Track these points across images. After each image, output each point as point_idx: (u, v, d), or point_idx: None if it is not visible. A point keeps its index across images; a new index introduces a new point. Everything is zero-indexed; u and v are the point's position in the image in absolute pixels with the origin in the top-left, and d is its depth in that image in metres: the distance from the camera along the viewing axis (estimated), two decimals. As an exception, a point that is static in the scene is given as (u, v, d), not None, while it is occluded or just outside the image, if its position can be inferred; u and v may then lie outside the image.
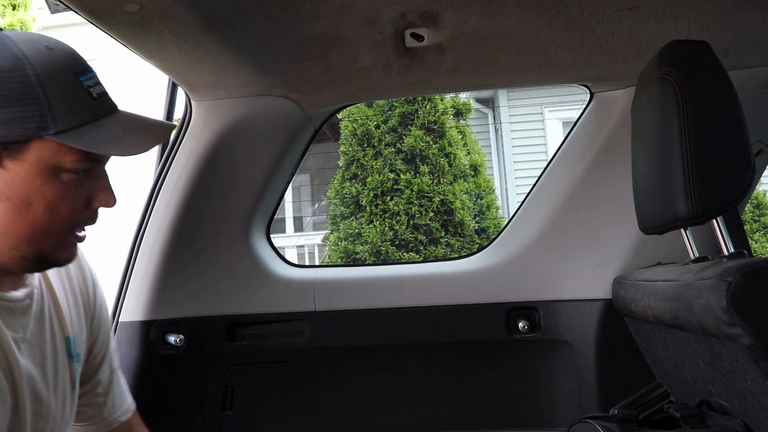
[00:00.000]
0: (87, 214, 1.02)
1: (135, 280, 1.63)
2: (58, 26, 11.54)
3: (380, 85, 1.59)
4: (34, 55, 0.92)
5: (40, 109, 0.91)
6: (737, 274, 0.95)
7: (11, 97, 0.90)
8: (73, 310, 1.19)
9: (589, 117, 1.75)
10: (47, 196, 0.95)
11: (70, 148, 0.93)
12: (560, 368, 1.73)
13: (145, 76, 10.68)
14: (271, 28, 1.31)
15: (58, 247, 1.00)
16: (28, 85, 0.91)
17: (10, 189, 0.93)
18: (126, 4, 1.12)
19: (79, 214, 1.00)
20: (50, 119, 0.91)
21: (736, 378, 1.04)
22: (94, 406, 1.28)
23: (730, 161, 1.10)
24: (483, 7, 1.28)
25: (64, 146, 0.93)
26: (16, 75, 0.90)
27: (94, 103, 0.97)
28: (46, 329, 1.10)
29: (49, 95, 0.91)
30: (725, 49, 1.47)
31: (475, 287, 1.75)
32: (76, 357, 1.18)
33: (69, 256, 1.04)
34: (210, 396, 1.70)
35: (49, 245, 0.99)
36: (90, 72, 0.99)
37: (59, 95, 0.92)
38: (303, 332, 1.75)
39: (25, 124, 0.90)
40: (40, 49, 0.94)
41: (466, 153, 7.39)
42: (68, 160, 0.94)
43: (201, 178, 1.60)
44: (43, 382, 1.09)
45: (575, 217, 1.72)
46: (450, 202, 6.79)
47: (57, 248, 1.00)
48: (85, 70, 0.98)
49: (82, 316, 1.21)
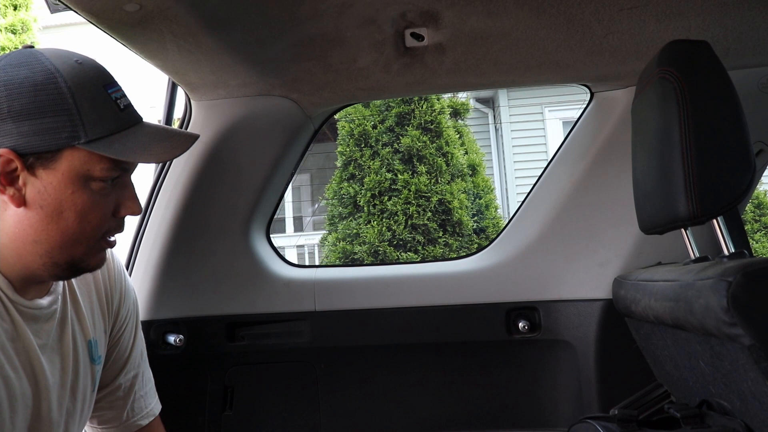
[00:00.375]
0: (115, 222, 1.06)
1: (135, 280, 1.63)
2: (58, 26, 11.54)
3: (380, 85, 1.59)
4: (65, 68, 0.97)
5: (72, 120, 0.95)
6: (738, 274, 0.95)
7: (45, 109, 0.94)
8: (97, 313, 1.21)
9: (590, 117, 1.75)
10: (78, 204, 0.99)
11: (100, 156, 0.98)
12: (560, 368, 1.73)
13: (145, 76, 10.68)
14: (271, 28, 1.31)
15: (88, 254, 1.04)
16: (60, 97, 0.95)
17: (43, 197, 0.97)
18: (126, 4, 1.12)
19: (108, 221, 1.04)
20: (81, 129, 0.96)
21: (737, 378, 1.04)
22: (114, 408, 1.29)
23: (731, 161, 1.10)
24: (483, 7, 1.28)
25: (94, 155, 0.98)
26: (49, 87, 0.95)
27: (122, 114, 1.02)
28: (68, 334, 1.12)
29: (80, 106, 0.96)
30: (726, 48, 1.47)
31: (476, 287, 1.75)
32: (97, 359, 1.20)
33: (99, 261, 1.07)
34: (210, 396, 1.70)
35: (80, 252, 1.02)
36: (116, 85, 1.04)
37: (89, 106, 0.97)
38: (303, 332, 1.74)
39: (57, 135, 0.95)
40: (71, 64, 0.99)
41: (463, 153, 7.39)
42: (98, 169, 0.99)
43: (201, 178, 1.60)
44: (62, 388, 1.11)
45: (575, 217, 1.72)
46: (448, 202, 6.79)
47: (87, 254, 1.04)
48: (112, 83, 1.03)
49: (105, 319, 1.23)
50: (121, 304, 1.27)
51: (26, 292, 1.05)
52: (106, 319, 1.23)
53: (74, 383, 1.13)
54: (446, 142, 7.01)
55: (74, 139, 0.96)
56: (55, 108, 0.95)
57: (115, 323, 1.26)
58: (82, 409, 1.17)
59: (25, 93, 0.95)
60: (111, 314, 1.24)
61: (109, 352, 1.26)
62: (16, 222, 0.99)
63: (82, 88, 0.97)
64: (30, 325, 1.05)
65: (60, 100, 0.95)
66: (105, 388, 1.27)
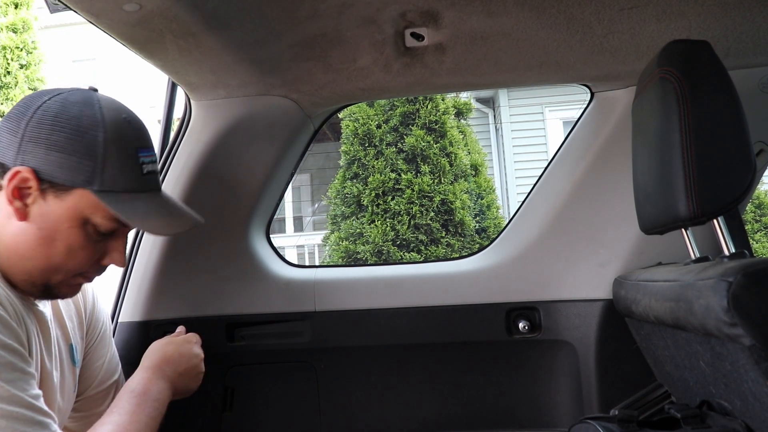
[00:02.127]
0: (97, 267, 1.14)
1: (134, 281, 1.63)
2: (58, 26, 11.55)
3: (380, 85, 1.59)
4: (111, 121, 1.07)
5: (94, 167, 1.05)
6: (738, 275, 0.95)
7: (75, 150, 1.04)
8: (75, 320, 1.30)
9: (590, 117, 1.75)
10: (70, 239, 1.07)
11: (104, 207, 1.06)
12: (561, 369, 1.73)
13: (145, 76, 10.71)
14: (271, 28, 1.30)
15: (63, 284, 1.12)
16: (94, 145, 1.05)
17: (44, 220, 1.06)
18: (126, 4, 1.12)
19: (92, 264, 1.12)
20: (99, 178, 1.05)
21: (737, 378, 1.04)
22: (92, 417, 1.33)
23: (731, 161, 1.10)
24: (483, 7, 1.28)
25: (101, 204, 1.05)
26: (88, 134, 1.05)
27: (142, 178, 1.10)
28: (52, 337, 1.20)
29: (107, 159, 1.05)
30: (726, 48, 1.47)
31: (476, 287, 1.75)
32: (77, 362, 1.28)
33: (70, 291, 1.16)
34: (210, 396, 1.70)
35: (56, 280, 1.10)
36: (149, 150, 1.13)
37: (115, 161, 1.06)
38: (303, 332, 1.74)
39: (76, 174, 1.04)
40: (118, 119, 1.09)
41: (466, 153, 7.39)
42: (99, 216, 1.07)
43: (200, 178, 1.60)
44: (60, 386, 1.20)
45: (576, 217, 1.72)
46: (450, 202, 6.79)
47: (62, 284, 1.12)
48: (147, 147, 1.12)
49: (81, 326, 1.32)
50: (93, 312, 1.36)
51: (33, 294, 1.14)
52: (83, 325, 1.32)
53: (62, 383, 1.21)
54: (450, 143, 7.02)
55: (89, 184, 1.04)
56: (85, 152, 1.04)
57: (89, 329, 1.34)
58: (68, 408, 1.25)
59: (67, 130, 1.04)
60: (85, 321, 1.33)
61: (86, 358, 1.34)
62: (17, 234, 1.07)
63: (116, 144, 1.06)
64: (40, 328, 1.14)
65: (92, 147, 1.04)
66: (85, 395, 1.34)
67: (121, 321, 1.63)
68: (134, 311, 1.63)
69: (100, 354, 1.36)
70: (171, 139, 1.64)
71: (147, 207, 1.10)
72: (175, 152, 1.61)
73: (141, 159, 1.10)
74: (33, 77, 9.80)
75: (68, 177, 1.04)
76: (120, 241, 1.13)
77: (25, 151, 1.03)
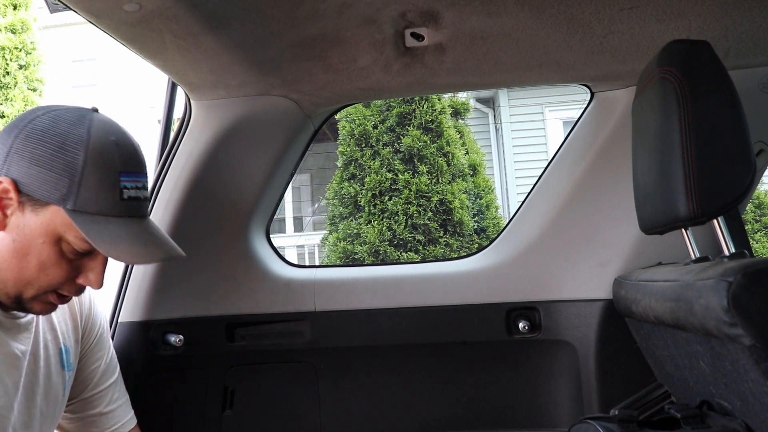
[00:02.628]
0: (73, 286, 1.12)
1: (134, 280, 1.63)
2: (57, 26, 11.54)
3: (380, 85, 1.59)
4: (96, 143, 1.06)
5: (70, 187, 1.04)
6: (738, 275, 0.95)
7: (55, 167, 1.04)
8: (69, 323, 1.30)
9: (590, 117, 1.75)
10: (43, 254, 1.06)
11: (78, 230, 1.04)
12: (561, 369, 1.73)
13: (145, 76, 10.68)
14: (271, 28, 1.30)
15: (36, 300, 1.11)
16: (73, 164, 1.04)
17: (19, 233, 1.06)
18: (125, 4, 1.12)
19: (66, 282, 1.11)
20: (73, 197, 1.04)
21: (737, 378, 1.04)
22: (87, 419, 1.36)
23: (731, 161, 1.10)
24: (483, 7, 1.28)
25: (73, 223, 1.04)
26: (70, 153, 1.04)
27: (120, 203, 1.08)
28: (40, 341, 1.20)
29: (84, 180, 1.04)
30: (726, 48, 1.47)
31: (476, 287, 1.75)
32: (68, 366, 1.28)
33: (43, 309, 1.14)
34: (210, 396, 1.70)
35: (29, 294, 1.09)
36: (137, 176, 1.10)
37: (92, 184, 1.05)
38: (303, 332, 1.74)
39: (52, 190, 1.04)
40: (106, 141, 1.07)
41: (464, 152, 7.39)
42: (72, 236, 1.06)
43: (200, 178, 1.60)
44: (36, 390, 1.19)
45: (576, 217, 1.72)
46: (448, 202, 6.79)
47: (35, 300, 1.11)
48: (133, 172, 1.09)
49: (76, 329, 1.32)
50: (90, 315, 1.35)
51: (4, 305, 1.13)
52: (77, 329, 1.32)
53: (47, 387, 1.21)
54: (447, 142, 7.02)
55: (63, 202, 1.04)
56: (64, 170, 1.04)
57: (85, 333, 1.34)
58: (54, 412, 1.25)
59: (51, 146, 1.04)
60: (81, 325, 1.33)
61: (82, 361, 1.34)
62: None
63: (97, 166, 1.05)
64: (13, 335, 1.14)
65: (72, 165, 1.04)
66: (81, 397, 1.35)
67: (121, 321, 1.63)
68: (134, 311, 1.63)
69: (96, 357, 1.36)
70: (171, 139, 1.64)
71: (119, 232, 1.07)
72: (175, 152, 1.61)
73: (123, 184, 1.08)
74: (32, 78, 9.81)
75: (45, 192, 1.04)
76: (97, 261, 1.11)
77: (10, 163, 1.04)
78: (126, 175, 1.08)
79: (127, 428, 1.39)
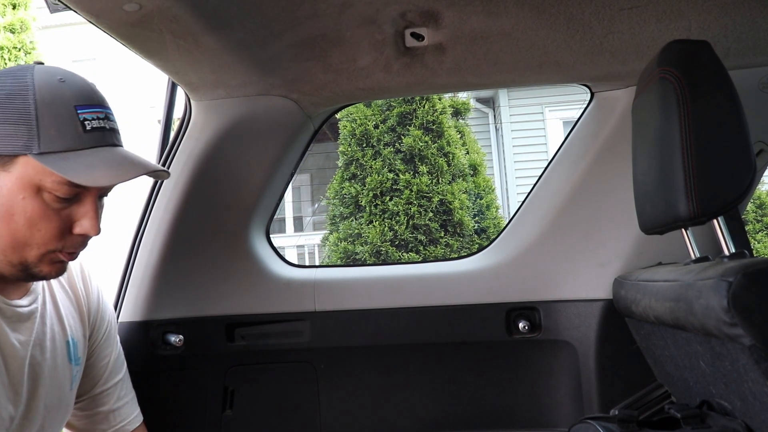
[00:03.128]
0: (73, 239, 1.09)
1: (134, 280, 1.63)
2: (57, 25, 11.54)
3: (380, 85, 1.59)
4: (42, 85, 1.04)
5: (30, 131, 1.01)
6: (738, 275, 0.95)
7: (8, 118, 1.02)
8: (77, 318, 1.28)
9: (590, 117, 1.75)
10: (27, 210, 1.04)
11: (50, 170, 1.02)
12: (561, 369, 1.73)
13: (145, 76, 10.69)
14: (271, 28, 1.30)
15: (41, 261, 1.08)
16: (25, 109, 1.02)
17: None
18: (125, 4, 1.12)
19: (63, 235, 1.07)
20: (36, 141, 1.01)
21: (737, 378, 1.04)
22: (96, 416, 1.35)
23: (731, 161, 1.10)
24: (483, 7, 1.28)
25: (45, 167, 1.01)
26: (17, 100, 1.02)
27: (85, 135, 1.05)
28: (47, 332, 1.18)
29: (40, 120, 1.02)
30: (726, 48, 1.47)
31: (476, 287, 1.75)
32: (75, 360, 1.26)
33: (52, 270, 1.11)
34: (210, 396, 1.70)
35: (32, 256, 1.07)
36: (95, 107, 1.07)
37: (50, 122, 1.02)
38: (303, 332, 1.74)
39: (14, 142, 1.01)
40: (51, 81, 1.05)
41: (465, 153, 7.38)
42: (49, 181, 1.03)
43: (200, 178, 1.60)
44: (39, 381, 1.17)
45: (576, 217, 1.72)
46: (449, 202, 6.79)
47: (40, 261, 1.08)
48: (88, 104, 1.06)
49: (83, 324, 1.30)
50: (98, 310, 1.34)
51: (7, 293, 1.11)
52: (85, 324, 1.30)
53: (52, 379, 1.19)
54: (448, 142, 7.01)
55: (28, 149, 1.01)
56: (18, 118, 1.01)
57: (94, 329, 1.33)
58: (60, 406, 1.22)
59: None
60: (89, 321, 1.32)
61: (91, 358, 1.33)
62: None
63: (49, 105, 1.03)
64: (13, 324, 1.11)
65: (24, 112, 1.01)
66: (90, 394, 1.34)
67: (121, 321, 1.63)
68: (134, 311, 1.63)
69: (106, 353, 1.36)
70: (171, 139, 1.64)
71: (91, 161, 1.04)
72: (175, 152, 1.61)
73: (82, 116, 1.05)
74: (32, 77, 9.78)
75: (7, 146, 1.01)
76: (87, 205, 1.08)
77: None
78: (82, 107, 1.05)
79: (134, 425, 1.39)
